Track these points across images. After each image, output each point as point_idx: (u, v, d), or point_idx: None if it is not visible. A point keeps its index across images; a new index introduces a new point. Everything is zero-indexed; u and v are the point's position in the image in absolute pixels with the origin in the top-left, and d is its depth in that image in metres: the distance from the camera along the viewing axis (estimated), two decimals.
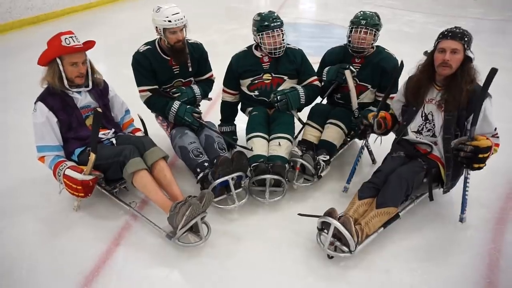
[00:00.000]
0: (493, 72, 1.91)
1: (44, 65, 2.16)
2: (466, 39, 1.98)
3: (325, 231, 1.98)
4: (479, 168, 2.01)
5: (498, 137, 2.07)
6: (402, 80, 2.38)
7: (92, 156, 2.07)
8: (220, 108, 2.98)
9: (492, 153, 2.01)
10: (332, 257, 1.98)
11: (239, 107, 2.98)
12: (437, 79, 2.12)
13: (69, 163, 2.18)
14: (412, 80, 2.21)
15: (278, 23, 2.57)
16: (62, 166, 2.15)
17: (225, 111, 2.98)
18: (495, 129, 2.05)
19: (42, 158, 2.21)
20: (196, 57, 2.74)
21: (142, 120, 2.58)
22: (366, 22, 2.54)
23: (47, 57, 2.12)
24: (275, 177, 2.33)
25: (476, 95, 1.99)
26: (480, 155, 1.95)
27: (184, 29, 2.54)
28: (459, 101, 2.02)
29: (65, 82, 2.15)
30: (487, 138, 1.99)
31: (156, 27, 2.51)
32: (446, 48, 2.00)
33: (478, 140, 1.96)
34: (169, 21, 2.43)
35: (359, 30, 2.55)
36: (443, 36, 2.03)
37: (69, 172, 2.11)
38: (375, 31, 2.56)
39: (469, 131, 1.98)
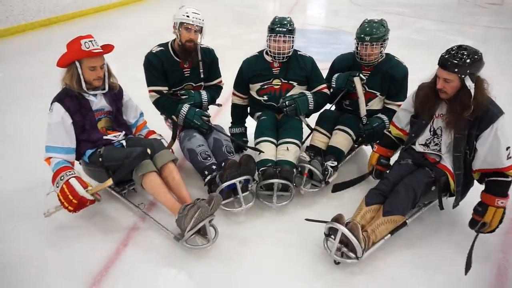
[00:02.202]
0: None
1: (63, 67, 2.18)
2: (457, 69, 1.90)
3: (332, 236, 1.98)
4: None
5: (511, 157, 1.99)
6: (411, 89, 2.37)
7: (109, 181, 2.08)
8: (230, 110, 3.01)
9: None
10: (338, 263, 1.98)
11: (249, 109, 2.99)
12: None
13: (77, 173, 2.15)
14: (420, 94, 2.19)
15: (284, 29, 2.58)
16: (69, 172, 2.11)
17: (235, 113, 3.00)
18: (507, 148, 1.97)
19: (49, 159, 2.19)
20: (207, 62, 2.77)
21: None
22: (371, 38, 2.51)
23: (66, 60, 2.14)
24: (283, 181, 2.34)
25: (488, 114, 1.95)
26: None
27: (199, 33, 2.58)
28: (458, 126, 2.01)
29: (83, 85, 2.17)
30: (496, 207, 2.00)
31: (174, 23, 2.56)
32: (440, 77, 1.99)
33: (487, 221, 2.03)
34: (187, 16, 2.50)
35: (364, 47, 2.55)
36: (439, 62, 1.98)
37: (73, 182, 2.06)
38: (381, 43, 2.55)
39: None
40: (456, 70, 1.90)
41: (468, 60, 1.89)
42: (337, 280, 1.94)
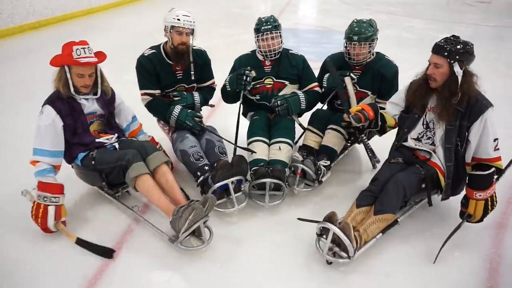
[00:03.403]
0: None
1: (55, 66, 2.16)
2: (447, 53, 1.94)
3: (324, 236, 1.98)
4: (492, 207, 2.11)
5: (498, 148, 2.04)
6: (401, 84, 2.39)
7: (74, 238, 2.10)
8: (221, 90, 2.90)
9: (493, 190, 2.07)
10: (331, 262, 1.99)
11: (241, 109, 2.95)
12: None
13: (61, 200, 2.14)
14: (412, 85, 2.22)
15: (269, 26, 2.61)
16: (54, 197, 2.09)
17: None
18: (495, 140, 2.02)
19: (35, 163, 2.15)
20: (199, 64, 2.77)
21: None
22: (359, 38, 2.52)
23: (58, 62, 2.13)
24: (275, 181, 2.35)
25: (478, 105, 1.99)
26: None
27: (191, 35, 2.58)
28: (447, 115, 2.03)
29: (72, 89, 2.15)
30: (476, 199, 2.06)
31: (165, 26, 2.56)
32: (431, 62, 2.02)
33: (471, 213, 2.11)
34: (178, 19, 2.50)
35: (352, 46, 2.56)
36: (432, 48, 2.03)
37: (50, 212, 2.07)
38: (369, 43, 2.56)
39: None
40: (446, 54, 1.95)
41: (458, 47, 1.94)
42: (331, 279, 1.94)
